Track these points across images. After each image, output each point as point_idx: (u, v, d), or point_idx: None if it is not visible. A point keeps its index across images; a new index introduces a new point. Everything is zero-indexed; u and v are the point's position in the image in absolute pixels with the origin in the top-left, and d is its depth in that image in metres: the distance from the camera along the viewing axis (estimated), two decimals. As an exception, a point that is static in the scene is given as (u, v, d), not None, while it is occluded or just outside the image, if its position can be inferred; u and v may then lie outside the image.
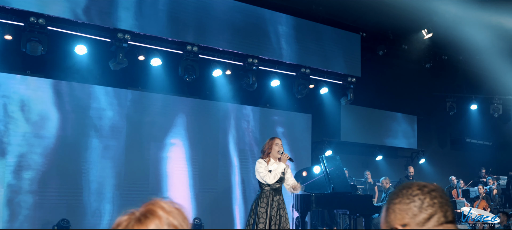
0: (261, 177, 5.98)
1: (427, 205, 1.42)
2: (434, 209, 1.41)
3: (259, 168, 6.00)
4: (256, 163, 6.05)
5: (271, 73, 10.91)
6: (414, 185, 1.47)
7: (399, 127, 13.97)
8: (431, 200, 1.42)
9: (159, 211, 1.31)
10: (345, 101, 11.86)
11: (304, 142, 12.07)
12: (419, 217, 1.41)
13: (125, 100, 9.61)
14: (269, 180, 5.96)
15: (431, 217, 1.41)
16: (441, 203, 1.43)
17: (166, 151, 9.94)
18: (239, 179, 10.89)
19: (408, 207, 1.43)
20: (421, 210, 1.41)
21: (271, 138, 6.22)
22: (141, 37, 9.29)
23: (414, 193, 1.44)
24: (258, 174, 5.99)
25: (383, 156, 13.72)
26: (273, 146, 6.09)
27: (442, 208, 1.42)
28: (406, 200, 1.44)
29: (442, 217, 1.41)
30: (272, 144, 6.10)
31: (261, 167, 5.98)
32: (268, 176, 5.96)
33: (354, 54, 11.82)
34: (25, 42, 8.40)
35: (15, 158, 8.42)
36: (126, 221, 1.31)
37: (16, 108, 8.54)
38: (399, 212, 1.44)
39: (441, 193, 1.45)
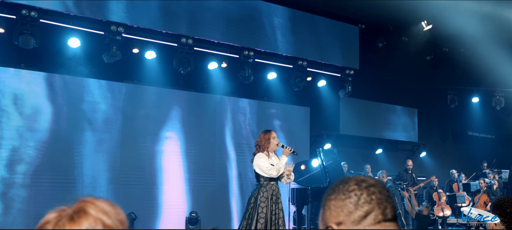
0: (264, 171, 5.85)
1: (363, 202, 1.29)
2: (371, 206, 1.29)
3: (261, 163, 5.85)
4: (256, 158, 5.90)
5: (267, 65, 10.80)
6: (351, 180, 1.35)
7: (399, 120, 13.83)
8: (368, 196, 1.30)
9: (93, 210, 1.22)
10: (343, 94, 11.73)
11: (302, 135, 11.96)
12: (355, 215, 1.29)
13: (119, 93, 9.54)
14: (274, 174, 5.85)
15: (368, 214, 1.28)
16: (380, 199, 1.30)
17: (161, 144, 9.87)
18: (235, 172, 10.81)
19: (344, 203, 1.31)
20: (357, 207, 1.29)
21: (266, 131, 6.09)
22: (134, 30, 9.20)
23: (350, 189, 1.33)
24: (260, 168, 5.85)
25: (383, 149, 13.59)
26: (271, 139, 5.97)
27: (381, 204, 1.30)
28: (341, 196, 1.32)
29: (380, 214, 1.29)
30: (270, 137, 5.97)
31: (264, 161, 5.86)
32: (272, 170, 5.84)
33: (352, 46, 11.68)
34: (17, 35, 8.33)
35: (8, 152, 8.39)
36: (55, 219, 1.20)
37: (9, 102, 8.49)
38: (334, 209, 1.32)
39: (380, 189, 1.32)
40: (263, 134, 6.02)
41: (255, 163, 5.90)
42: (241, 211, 10.67)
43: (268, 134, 6.00)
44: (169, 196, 9.85)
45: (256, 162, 5.89)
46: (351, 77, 11.57)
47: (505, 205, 2.61)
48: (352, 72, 11.56)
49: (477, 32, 11.82)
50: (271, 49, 10.50)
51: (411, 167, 11.62)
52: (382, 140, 13.59)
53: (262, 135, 6.03)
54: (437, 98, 14.47)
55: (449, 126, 15.49)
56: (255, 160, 5.91)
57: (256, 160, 5.89)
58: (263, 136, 6.00)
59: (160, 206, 9.72)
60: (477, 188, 11.66)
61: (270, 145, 5.94)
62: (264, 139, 5.97)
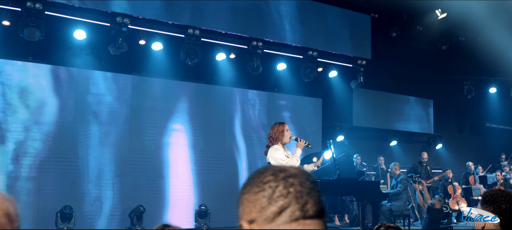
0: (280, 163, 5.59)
1: (278, 195, 1.10)
2: (287, 201, 1.10)
3: (277, 155, 5.65)
4: (272, 150, 5.68)
5: (276, 56, 10.60)
6: (268, 170, 1.15)
7: (414, 111, 13.52)
8: (285, 189, 1.11)
9: None
10: (355, 85, 11.48)
11: (314, 127, 11.76)
12: (268, 211, 1.09)
13: (126, 85, 9.45)
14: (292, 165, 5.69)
15: (283, 210, 1.09)
16: (300, 192, 1.11)
17: (169, 136, 9.76)
18: (245, 164, 10.67)
19: (256, 197, 1.12)
20: (270, 201, 1.10)
21: (280, 123, 5.88)
22: (140, 21, 9.08)
23: (265, 180, 1.13)
24: (276, 160, 5.63)
25: (397, 141, 13.30)
26: (285, 132, 5.78)
27: (300, 199, 1.10)
28: (255, 188, 1.13)
29: (298, 210, 1.09)
30: (283, 130, 5.78)
31: (280, 153, 5.67)
32: (290, 162, 5.65)
33: (364, 35, 11.40)
34: (22, 27, 8.30)
35: (14, 144, 8.36)
36: None
37: (15, 95, 8.46)
38: (247, 204, 1.13)
39: (302, 180, 1.12)
40: (277, 126, 5.82)
41: (271, 155, 5.68)
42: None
43: (281, 126, 5.81)
44: (177, 189, 9.75)
45: (271, 154, 5.67)
46: (363, 68, 11.31)
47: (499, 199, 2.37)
48: (364, 62, 11.29)
49: (494, 21, 11.44)
50: (279, 39, 10.29)
51: (426, 159, 11.33)
52: (396, 132, 13.31)
53: (276, 127, 5.83)
54: (453, 89, 14.10)
55: (466, 117, 15.10)
56: (270, 152, 5.69)
57: (272, 152, 5.67)
58: (276, 128, 5.80)
59: (167, 199, 9.63)
60: (494, 180, 11.33)
61: (283, 137, 5.76)
62: (278, 132, 5.77)
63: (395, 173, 9.51)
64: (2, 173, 8.24)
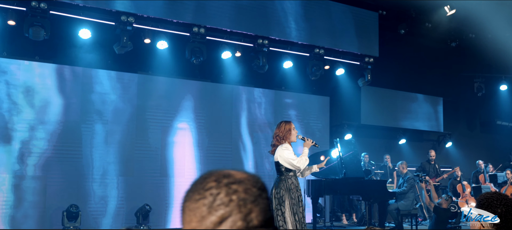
0: (290, 162, 5.50)
1: (219, 204, 1.01)
2: (228, 209, 1.01)
3: (287, 155, 5.50)
4: (280, 149, 5.53)
5: (282, 54, 10.52)
6: (212, 175, 1.07)
7: (423, 109, 13.37)
8: (227, 196, 1.02)
9: None
10: (363, 83, 11.37)
11: (321, 125, 11.67)
12: (207, 221, 1.01)
13: (131, 84, 9.44)
14: (301, 166, 5.53)
15: (223, 220, 1.01)
16: (243, 200, 1.02)
17: (174, 135, 9.74)
18: (252, 163, 10.61)
19: (197, 205, 1.03)
20: (210, 210, 1.01)
21: (286, 122, 5.72)
22: (145, 20, 9.06)
23: (207, 186, 1.04)
24: (285, 159, 5.49)
25: (406, 139, 13.16)
26: (291, 131, 5.65)
27: (243, 207, 1.01)
28: (196, 196, 1.04)
29: (241, 220, 1.00)
30: (290, 128, 5.64)
31: (290, 152, 5.53)
32: (300, 161, 5.52)
33: (372, 33, 11.28)
34: (27, 27, 8.31)
35: (20, 144, 8.39)
36: None
37: (20, 94, 8.49)
38: (188, 213, 1.04)
39: (247, 187, 1.04)
40: (283, 125, 5.68)
41: (280, 154, 5.52)
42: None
43: (288, 125, 5.67)
44: (182, 187, 9.72)
45: (281, 154, 5.52)
46: (370, 65, 11.19)
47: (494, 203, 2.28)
48: (372, 60, 11.17)
49: (504, 17, 11.25)
50: (285, 37, 10.21)
51: (434, 157, 11.18)
52: (405, 130, 13.17)
53: (282, 126, 5.68)
54: (463, 86, 13.92)
55: (477, 115, 14.91)
56: (279, 151, 5.54)
57: (281, 151, 5.53)
58: (283, 127, 5.66)
59: (172, 198, 9.61)
60: (504, 179, 11.15)
61: (290, 136, 5.62)
62: (285, 130, 5.63)
63: (402, 172, 9.39)
64: (8, 172, 8.27)
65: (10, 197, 8.25)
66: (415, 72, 13.14)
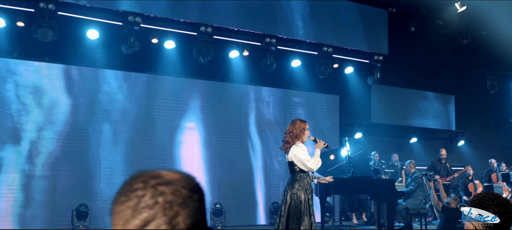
0: (304, 163, 5.31)
1: (143, 206, 0.95)
2: (152, 212, 0.94)
3: (303, 155, 5.31)
4: (295, 148, 5.33)
5: (290, 53, 10.47)
6: (140, 176, 1.00)
7: (435, 107, 13.21)
8: (152, 198, 0.95)
9: None
10: (372, 81, 11.27)
11: (330, 124, 11.59)
12: (131, 224, 0.94)
13: (138, 84, 9.47)
14: (314, 167, 5.35)
15: (147, 224, 0.94)
16: (169, 203, 0.95)
17: (182, 135, 9.75)
18: (261, 163, 10.58)
19: (122, 208, 0.97)
20: (134, 213, 0.95)
21: (301, 120, 5.52)
22: (152, 19, 9.08)
23: (134, 188, 0.98)
24: (301, 161, 5.30)
25: (417, 138, 13.03)
26: (305, 131, 5.46)
27: (169, 210, 0.95)
28: (122, 198, 0.98)
29: (165, 224, 0.94)
30: (305, 128, 5.45)
31: (305, 153, 5.34)
32: (312, 162, 5.34)
33: (381, 30, 11.18)
34: (36, 28, 8.38)
35: (28, 144, 8.47)
36: None
37: (29, 95, 8.57)
38: (115, 215, 0.98)
39: (176, 188, 0.97)
40: (298, 123, 5.46)
41: (295, 153, 5.32)
42: (267, 202, 10.44)
43: (303, 124, 5.46)
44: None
45: (296, 152, 5.31)
46: (380, 63, 11.09)
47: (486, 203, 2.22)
48: (381, 58, 11.07)
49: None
50: (292, 35, 10.16)
51: (444, 156, 11.04)
52: (416, 129, 13.03)
53: (297, 123, 5.47)
54: (475, 84, 13.73)
55: (490, 113, 14.69)
56: (294, 150, 5.33)
57: (297, 150, 5.32)
58: (298, 125, 5.44)
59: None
60: (517, 178, 10.97)
61: (303, 135, 5.43)
62: (299, 128, 5.42)
63: (410, 171, 9.29)
64: (17, 172, 8.36)
65: (20, 196, 8.33)
66: (426, 70, 12.99)
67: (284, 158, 10.57)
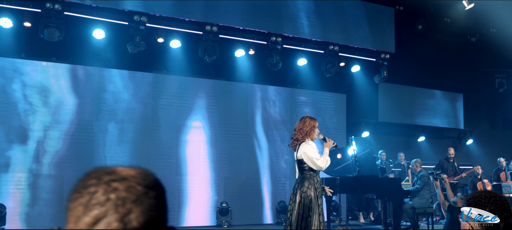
0: (314, 161, 5.16)
1: (95, 203, 0.90)
2: (104, 209, 0.89)
3: (312, 152, 5.12)
4: (306, 146, 5.17)
5: (296, 51, 10.44)
6: (95, 172, 0.96)
7: (443, 106, 13.12)
8: (104, 195, 0.91)
9: None
10: (379, 79, 11.21)
11: (337, 123, 11.55)
12: (82, 222, 0.90)
13: (144, 83, 9.50)
14: (324, 166, 5.20)
15: (97, 221, 0.89)
16: (123, 200, 0.90)
17: (187, 134, 9.76)
18: (267, 162, 10.56)
19: (75, 205, 0.93)
20: (86, 210, 0.90)
21: (311, 118, 5.36)
22: (157, 19, 9.10)
23: (87, 184, 0.93)
24: (311, 159, 5.14)
25: (425, 137, 12.95)
26: (315, 128, 5.30)
27: (121, 207, 0.90)
28: (75, 194, 0.94)
29: (117, 221, 0.89)
30: (315, 125, 5.29)
31: (316, 151, 5.18)
32: (322, 161, 5.19)
33: (387, 28, 11.11)
34: (42, 28, 8.43)
35: (35, 143, 8.53)
36: None
37: (35, 94, 8.62)
38: (68, 213, 0.94)
39: (130, 185, 0.92)
40: (308, 121, 5.29)
41: (305, 150, 5.16)
42: (273, 201, 10.43)
43: (313, 122, 5.30)
44: (196, 186, 9.75)
45: (306, 150, 5.15)
46: (386, 62, 11.03)
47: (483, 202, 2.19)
48: (388, 56, 11.01)
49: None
50: (298, 34, 10.14)
51: (452, 155, 10.94)
52: (424, 127, 12.95)
53: (307, 121, 5.29)
54: (484, 82, 13.61)
55: (499, 112, 14.56)
56: (304, 148, 5.17)
57: (307, 148, 5.16)
58: (308, 122, 5.27)
59: (186, 197, 9.64)
60: (527, 177, 10.86)
61: (313, 133, 5.27)
62: (310, 126, 5.24)
63: (416, 170, 9.23)
64: (24, 171, 8.42)
65: (26, 195, 8.39)
66: (433, 68, 12.90)
67: (291, 157, 10.62)
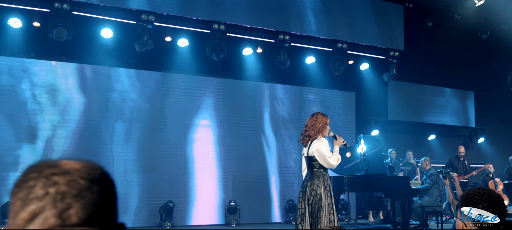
0: (326, 159, 5.03)
1: (32, 197, 0.84)
2: (41, 204, 0.83)
3: (325, 149, 5.01)
4: (319, 142, 5.04)
5: (304, 49, 10.40)
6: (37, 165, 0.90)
7: (453, 104, 12.99)
8: (43, 189, 0.85)
9: None
10: (388, 77, 11.13)
11: (346, 121, 11.48)
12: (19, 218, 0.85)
13: (152, 82, 9.52)
14: (335, 163, 5.07)
15: (34, 217, 0.83)
16: (62, 194, 0.84)
17: (195, 132, 9.77)
18: (276, 160, 10.54)
19: (14, 200, 0.87)
20: (23, 205, 0.85)
21: (322, 114, 5.24)
22: (165, 18, 9.12)
23: (28, 177, 0.88)
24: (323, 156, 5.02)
25: (436, 135, 12.82)
26: (327, 126, 5.19)
27: (60, 202, 0.84)
28: (16, 188, 0.88)
29: (54, 217, 0.83)
30: (327, 122, 5.19)
31: (327, 147, 5.06)
32: (334, 159, 5.07)
33: (396, 26, 11.02)
34: (51, 28, 8.49)
35: (44, 142, 8.60)
36: None
37: (44, 94, 8.69)
38: (9, 207, 0.89)
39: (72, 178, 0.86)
40: (320, 117, 5.17)
41: (318, 147, 5.03)
42: (282, 200, 10.40)
43: (325, 118, 5.18)
44: (204, 185, 9.75)
45: (319, 147, 5.02)
46: (396, 59, 10.94)
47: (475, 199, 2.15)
48: (397, 53, 10.92)
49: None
50: (306, 32, 10.10)
51: (463, 154, 10.83)
52: (435, 126, 12.84)
53: (319, 117, 5.18)
54: (496, 80, 13.45)
55: (511, 110, 14.36)
56: (317, 144, 5.04)
57: (320, 144, 5.03)
58: (320, 119, 5.15)
59: (193, 195, 9.64)
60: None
61: (324, 130, 5.16)
62: (322, 123, 5.13)
63: (425, 168, 9.14)
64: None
65: (36, 194, 8.44)
66: (444, 65, 12.77)
67: (299, 156, 10.56)
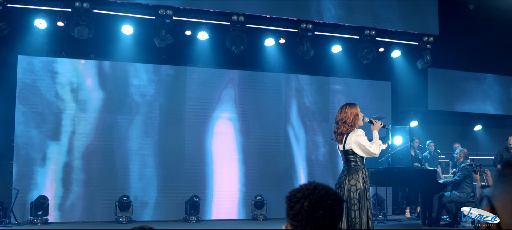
0: (366, 149, 4.84)
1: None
2: None
3: (363, 141, 4.83)
4: (355, 135, 4.85)
5: (330, 38, 10.03)
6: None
7: (501, 92, 12.10)
8: None
9: None
10: (422, 64, 10.50)
11: (382, 112, 10.97)
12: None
13: (171, 76, 9.54)
14: (377, 151, 4.87)
15: None
16: None
17: (217, 125, 9.68)
18: (305, 154, 10.26)
19: None
20: None
21: (350, 105, 4.99)
22: (182, 11, 9.11)
23: None
24: (363, 148, 4.84)
25: (482, 125, 12.00)
26: (359, 114, 4.97)
27: None
28: None
29: None
30: (357, 112, 4.96)
31: (365, 138, 4.88)
32: (375, 147, 4.87)
33: (430, 9, 10.36)
34: (73, 27, 8.73)
35: (67, 138, 8.85)
36: None
37: (68, 91, 8.93)
38: None
39: None
40: (349, 109, 4.94)
41: (355, 141, 4.84)
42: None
43: (354, 109, 4.95)
44: (225, 178, 9.66)
45: (356, 140, 4.83)
46: (430, 45, 10.30)
47: None
48: (431, 39, 10.28)
49: None
50: (329, 19, 9.72)
51: (513, 144, 9.99)
52: (481, 115, 12.02)
53: (348, 110, 4.94)
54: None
55: None
56: (354, 137, 4.85)
57: (357, 137, 4.83)
58: (350, 112, 4.92)
59: (213, 189, 9.57)
60: None
61: (358, 121, 4.93)
62: (352, 115, 4.91)
63: (458, 160, 8.52)
64: (57, 165, 8.76)
65: (59, 189, 8.73)
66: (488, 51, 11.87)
67: (328, 149, 10.23)
